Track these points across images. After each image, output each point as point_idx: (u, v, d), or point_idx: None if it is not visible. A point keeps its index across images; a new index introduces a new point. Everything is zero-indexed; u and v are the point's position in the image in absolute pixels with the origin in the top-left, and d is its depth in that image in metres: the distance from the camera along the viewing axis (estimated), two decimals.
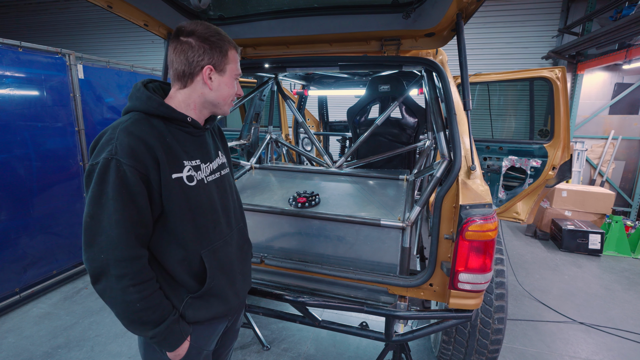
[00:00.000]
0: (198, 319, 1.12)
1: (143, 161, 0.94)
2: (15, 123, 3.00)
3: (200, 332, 1.14)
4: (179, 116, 1.06)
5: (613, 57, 5.41)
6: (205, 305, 1.12)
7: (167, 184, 1.00)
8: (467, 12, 1.53)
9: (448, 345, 2.10)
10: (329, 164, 2.61)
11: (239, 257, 1.26)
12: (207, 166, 1.14)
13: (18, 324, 2.88)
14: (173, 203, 1.01)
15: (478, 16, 6.47)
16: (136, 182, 0.93)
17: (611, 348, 2.74)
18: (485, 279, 1.51)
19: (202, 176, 1.11)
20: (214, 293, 1.13)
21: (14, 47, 2.98)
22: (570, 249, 4.65)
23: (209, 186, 1.13)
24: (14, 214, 3.05)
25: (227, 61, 1.09)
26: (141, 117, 1.02)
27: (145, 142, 0.96)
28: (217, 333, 1.23)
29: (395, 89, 2.98)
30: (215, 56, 1.06)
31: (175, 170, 1.02)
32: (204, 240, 1.10)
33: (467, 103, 1.56)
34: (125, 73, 4.19)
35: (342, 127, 5.21)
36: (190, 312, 1.10)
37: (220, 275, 1.15)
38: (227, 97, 1.13)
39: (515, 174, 3.49)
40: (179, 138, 1.07)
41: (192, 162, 1.08)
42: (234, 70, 1.11)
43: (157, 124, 1.03)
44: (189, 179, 1.05)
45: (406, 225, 1.70)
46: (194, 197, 1.06)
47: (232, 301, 1.21)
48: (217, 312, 1.16)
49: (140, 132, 0.97)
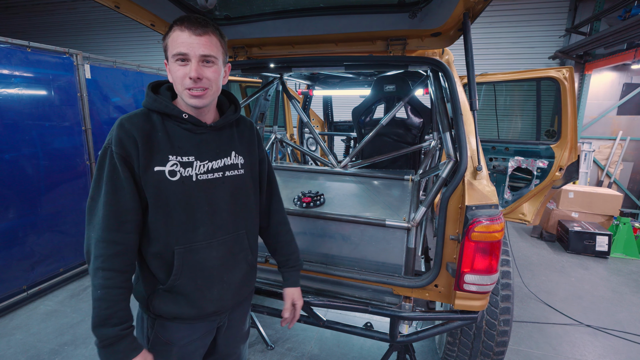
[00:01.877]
0: (162, 313, 1.12)
1: (127, 149, 1.01)
2: (23, 122, 3.04)
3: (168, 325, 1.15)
4: (172, 112, 1.07)
5: (621, 57, 5.35)
6: (173, 301, 1.12)
7: (146, 175, 1.03)
8: (474, 11, 1.52)
9: (453, 347, 2.09)
10: (334, 164, 2.60)
11: (225, 264, 1.18)
12: (204, 164, 1.11)
13: (25, 321, 2.92)
14: (150, 194, 1.04)
15: (485, 16, 6.42)
16: (123, 168, 1.00)
17: (619, 351, 2.71)
18: (491, 281, 1.50)
19: (192, 173, 1.08)
20: (181, 292, 1.11)
21: (22, 47, 3.02)
22: (577, 250, 4.61)
23: (197, 184, 1.09)
24: (22, 212, 3.09)
25: (167, 47, 1.05)
26: (142, 111, 1.08)
27: (129, 133, 1.01)
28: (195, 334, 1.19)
29: (401, 89, 2.96)
30: (164, 45, 1.07)
31: (158, 163, 1.04)
32: (180, 238, 1.08)
33: (473, 103, 1.54)
34: (132, 73, 4.22)
35: (347, 127, 5.21)
36: (157, 303, 1.12)
37: (191, 276, 1.11)
38: (176, 84, 1.05)
39: (522, 174, 3.46)
40: (174, 133, 1.08)
41: (181, 157, 1.07)
42: (171, 52, 1.02)
43: (155, 119, 1.07)
44: (170, 174, 1.05)
45: (411, 225, 1.69)
46: (173, 193, 1.05)
47: (204, 306, 1.15)
48: (184, 313, 1.13)
49: (130, 124, 1.03)
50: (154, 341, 1.16)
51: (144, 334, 1.18)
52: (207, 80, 1.04)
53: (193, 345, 1.20)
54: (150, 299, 1.13)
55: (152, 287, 1.13)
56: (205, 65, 1.03)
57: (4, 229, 2.95)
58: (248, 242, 1.27)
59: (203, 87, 1.04)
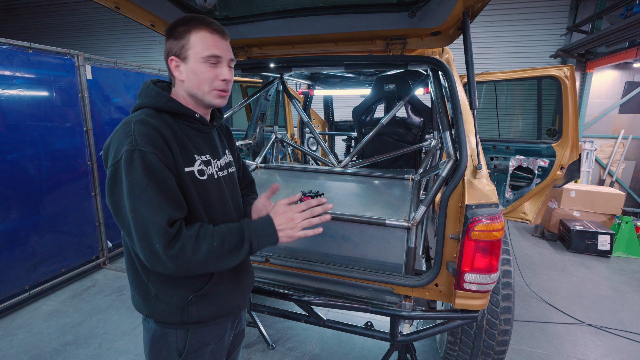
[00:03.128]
0: (201, 318, 1.10)
1: (162, 149, 0.95)
2: (25, 123, 3.05)
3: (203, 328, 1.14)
4: (187, 112, 1.07)
5: (623, 56, 5.33)
6: (210, 303, 1.11)
7: (180, 177, 1.00)
8: (474, 10, 1.52)
9: (454, 346, 2.09)
10: (335, 163, 2.60)
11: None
12: (216, 162, 1.15)
13: (28, 320, 2.93)
14: (186, 196, 1.01)
15: (485, 14, 6.41)
16: (162, 167, 0.93)
17: (621, 350, 2.70)
18: (491, 280, 1.49)
19: (213, 171, 1.11)
20: (218, 291, 1.12)
21: (24, 49, 3.03)
22: (578, 250, 4.59)
23: (219, 181, 1.13)
24: (24, 213, 3.10)
25: (189, 46, 1.01)
26: (152, 112, 1.02)
27: (161, 133, 0.96)
28: (225, 329, 1.22)
29: (401, 88, 2.96)
30: (174, 45, 1.03)
31: (187, 163, 1.02)
32: None
33: (473, 102, 1.54)
34: (133, 73, 4.24)
35: (347, 126, 5.21)
36: (194, 310, 1.08)
37: (227, 272, 1.14)
38: (201, 84, 1.04)
39: (523, 173, 3.45)
40: (188, 133, 1.08)
41: (202, 157, 1.08)
42: (199, 53, 1.01)
43: (167, 120, 1.04)
44: (200, 173, 1.05)
45: (412, 225, 1.69)
46: (205, 191, 1.06)
47: (237, 299, 1.20)
48: (222, 310, 1.15)
49: (153, 124, 0.97)
50: (188, 350, 1.12)
51: (172, 349, 1.12)
52: (230, 82, 1.11)
53: (223, 340, 1.22)
54: (186, 310, 1.08)
55: (184, 298, 1.07)
56: (229, 69, 1.08)
57: (6, 229, 2.97)
58: None
59: (229, 88, 1.11)
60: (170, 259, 0.90)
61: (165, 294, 1.07)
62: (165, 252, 0.89)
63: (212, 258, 0.95)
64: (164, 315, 1.09)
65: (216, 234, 0.98)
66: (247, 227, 1.02)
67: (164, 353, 1.13)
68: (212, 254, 0.95)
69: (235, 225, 1.03)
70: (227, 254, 0.98)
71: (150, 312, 1.10)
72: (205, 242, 0.94)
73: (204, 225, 0.98)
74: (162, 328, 1.11)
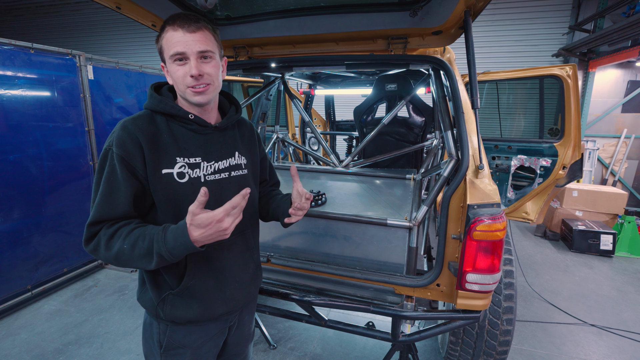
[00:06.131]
0: (174, 319, 1.10)
1: (129, 151, 0.99)
2: (27, 123, 3.06)
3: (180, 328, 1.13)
4: (178, 112, 1.07)
5: (626, 54, 5.31)
6: (184, 305, 1.10)
7: (154, 178, 1.02)
8: (475, 9, 1.51)
9: (455, 346, 2.08)
10: (336, 163, 2.60)
11: (236, 264, 1.19)
12: (211, 165, 1.11)
13: (30, 320, 2.94)
14: (159, 197, 1.03)
15: (486, 13, 6.39)
16: (122, 170, 0.99)
17: (624, 351, 2.69)
18: (493, 280, 1.49)
19: (200, 174, 1.08)
20: (193, 295, 1.10)
21: (26, 49, 3.04)
22: (581, 249, 4.58)
23: (206, 185, 1.07)
24: (26, 213, 3.11)
25: (162, 49, 1.04)
26: (146, 113, 1.07)
27: (132, 135, 1.00)
28: (208, 335, 1.19)
29: (402, 87, 2.96)
30: (159, 51, 1.06)
31: (165, 165, 1.03)
32: None
33: (474, 101, 1.54)
34: (134, 74, 4.24)
35: (348, 126, 5.20)
36: (168, 309, 1.10)
37: (204, 277, 1.11)
38: (177, 84, 1.04)
39: (525, 173, 3.44)
40: (180, 135, 1.08)
41: (188, 159, 1.07)
42: (167, 53, 1.01)
43: (160, 121, 1.07)
44: (179, 176, 1.04)
45: (413, 224, 1.69)
46: (183, 194, 1.04)
47: (216, 307, 1.15)
48: (197, 316, 1.12)
49: (133, 126, 1.01)
50: (167, 346, 1.14)
51: (155, 339, 1.16)
52: (208, 76, 1.04)
53: (206, 346, 1.20)
54: (161, 306, 1.10)
55: (161, 294, 1.11)
56: (204, 62, 1.03)
57: (8, 229, 2.98)
58: (253, 240, 1.29)
59: (205, 83, 1.04)
60: (90, 252, 1.00)
61: (150, 283, 1.12)
62: (85, 246, 1.00)
63: (125, 259, 0.97)
64: (147, 305, 1.15)
65: (130, 236, 0.96)
66: (157, 238, 0.94)
67: (149, 341, 1.19)
68: (123, 255, 0.96)
69: (151, 233, 0.96)
70: (138, 259, 0.95)
71: (140, 297, 1.17)
72: (117, 242, 0.96)
73: (126, 225, 0.99)
74: (150, 316, 1.17)
